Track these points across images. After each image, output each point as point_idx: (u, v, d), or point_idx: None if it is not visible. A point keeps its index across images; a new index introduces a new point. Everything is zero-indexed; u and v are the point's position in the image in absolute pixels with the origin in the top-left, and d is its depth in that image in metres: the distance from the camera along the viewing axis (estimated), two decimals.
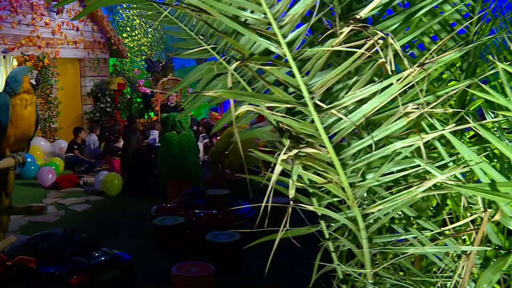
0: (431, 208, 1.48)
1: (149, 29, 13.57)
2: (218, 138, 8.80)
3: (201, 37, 1.32)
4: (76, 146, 9.39)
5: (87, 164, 9.13)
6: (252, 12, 1.03)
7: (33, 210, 2.79)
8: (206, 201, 6.01)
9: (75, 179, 8.23)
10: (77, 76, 11.19)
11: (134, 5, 1.66)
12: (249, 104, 1.08)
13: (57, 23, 10.16)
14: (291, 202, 1.14)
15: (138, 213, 6.56)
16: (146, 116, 12.02)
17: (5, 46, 9.05)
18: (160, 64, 12.22)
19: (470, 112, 1.42)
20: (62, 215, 6.63)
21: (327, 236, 1.35)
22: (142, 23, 13.35)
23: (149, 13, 1.51)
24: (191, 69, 13.68)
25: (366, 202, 1.23)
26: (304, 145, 1.08)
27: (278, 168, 1.09)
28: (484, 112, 1.47)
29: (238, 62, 0.95)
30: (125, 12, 13.05)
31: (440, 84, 1.40)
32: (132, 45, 13.02)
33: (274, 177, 1.10)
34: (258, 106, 1.07)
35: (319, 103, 1.05)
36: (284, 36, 1.01)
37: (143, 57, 13.16)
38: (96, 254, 4.17)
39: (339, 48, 0.98)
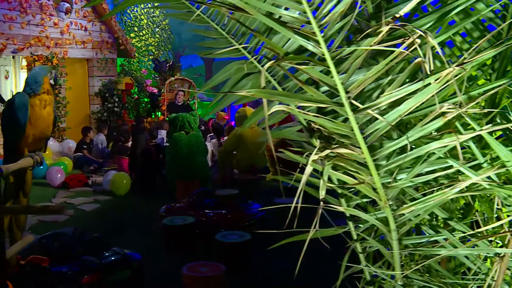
0: (458, 209, 1.47)
1: (157, 29, 13.59)
2: (226, 138, 8.80)
3: (232, 36, 1.31)
4: (85, 146, 9.42)
5: (96, 164, 9.15)
6: (286, 9, 1.02)
7: (51, 210, 2.79)
8: (215, 201, 6.01)
9: (83, 178, 8.25)
10: (85, 76, 11.22)
11: (149, 4, 1.65)
12: (280, 103, 1.07)
13: (66, 23, 10.19)
14: (321, 203, 1.12)
15: (147, 213, 6.56)
16: (153, 116, 12.03)
17: (14, 46, 9.08)
18: (168, 64, 12.22)
19: (498, 112, 1.40)
20: (71, 215, 6.64)
21: (355, 237, 1.34)
22: (149, 23, 13.36)
23: (163, 11, 1.50)
24: (198, 69, 13.72)
25: (395, 203, 1.22)
26: (336, 146, 1.07)
27: (308, 169, 1.08)
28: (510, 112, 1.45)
29: (272, 61, 0.95)
30: (132, 12, 13.06)
31: (471, 83, 1.38)
32: (139, 45, 13.03)
33: (304, 177, 1.09)
34: (288, 105, 1.06)
35: (355, 102, 1.04)
36: (323, 35, 1.00)
37: (150, 57, 13.17)
38: (107, 254, 4.17)
39: (377, 47, 0.97)
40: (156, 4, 1.57)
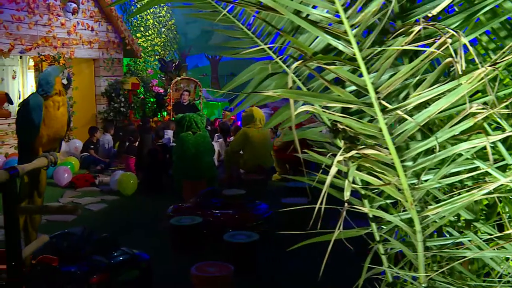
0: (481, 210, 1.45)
1: (163, 29, 13.60)
2: (232, 138, 8.79)
3: (257, 36, 1.30)
4: (91, 146, 9.43)
5: (102, 164, 9.16)
6: (313, 7, 1.01)
7: (67, 210, 2.79)
8: (222, 201, 6.00)
9: (90, 178, 8.26)
10: (91, 76, 11.24)
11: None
12: (304, 104, 1.06)
13: (73, 23, 10.21)
14: (346, 204, 1.11)
15: (154, 212, 6.56)
16: (159, 116, 12.04)
17: (22, 47, 9.11)
18: (174, 64, 12.23)
19: None
20: (78, 214, 6.64)
21: (377, 238, 1.33)
22: (155, 23, 13.38)
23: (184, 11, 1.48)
24: (204, 69, 13.74)
25: (418, 204, 1.21)
26: (363, 146, 1.06)
27: (333, 170, 1.07)
28: None
29: (300, 61, 0.94)
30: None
31: (497, 84, 1.36)
32: (145, 45, 13.05)
33: (329, 179, 1.08)
34: (313, 105, 1.05)
35: (384, 103, 1.03)
36: (355, 35, 0.99)
37: (156, 57, 13.18)
38: (116, 254, 4.17)
39: (409, 47, 0.96)
40: (173, 4, 1.55)
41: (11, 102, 9.25)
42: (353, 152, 1.04)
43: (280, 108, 1.38)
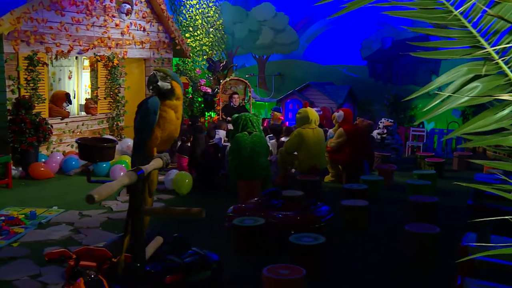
0: None
1: (211, 29, 13.68)
2: (287, 138, 8.74)
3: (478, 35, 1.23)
4: None
5: None
6: None
7: (191, 213, 2.83)
8: (282, 202, 5.97)
9: None
10: (142, 75, 11.42)
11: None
12: None
13: (126, 24, 10.40)
14: None
15: (212, 212, 6.58)
16: (206, 116, 12.12)
17: (80, 48, 9.35)
18: (221, 64, 12.30)
19: None
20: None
21: None
22: (204, 23, 13.47)
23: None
24: (251, 69, 13.74)
25: None
26: None
27: None
28: None
29: None
30: (188, 12, 13.21)
31: None
32: (194, 45, 13.16)
33: None
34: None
35: None
36: None
37: (204, 57, 13.28)
38: (188, 254, 4.20)
39: None
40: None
41: (70, 102, 9.51)
42: None
43: (482, 113, 1.29)
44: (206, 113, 12.02)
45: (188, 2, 13.18)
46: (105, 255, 3.72)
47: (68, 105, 9.56)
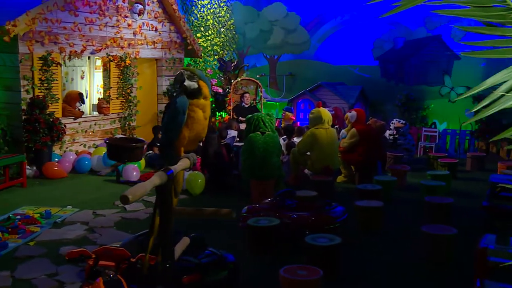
0: None
1: (222, 29, 13.69)
2: (298, 139, 8.73)
3: None
4: (156, 145, 9.61)
5: None
6: None
7: (222, 214, 2.85)
8: (296, 202, 5.96)
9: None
10: (153, 75, 11.45)
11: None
12: None
13: (138, 24, 10.44)
14: None
15: None
16: (217, 116, 12.13)
17: (93, 48, 9.39)
18: (232, 64, 12.30)
19: None
20: (151, 212, 6.72)
21: None
22: (215, 23, 13.48)
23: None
24: (262, 69, 13.74)
25: None
26: None
27: None
28: None
29: None
30: (199, 12, 13.23)
31: None
32: (205, 45, 13.18)
33: None
34: None
35: None
36: None
37: (215, 57, 13.30)
38: (205, 254, 4.20)
39: None
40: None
41: (83, 102, 9.56)
42: None
43: None
44: (217, 113, 12.03)
45: (199, 2, 13.19)
46: (124, 255, 3.74)
47: (81, 105, 9.61)
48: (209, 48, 13.30)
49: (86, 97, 10.26)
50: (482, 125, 10.66)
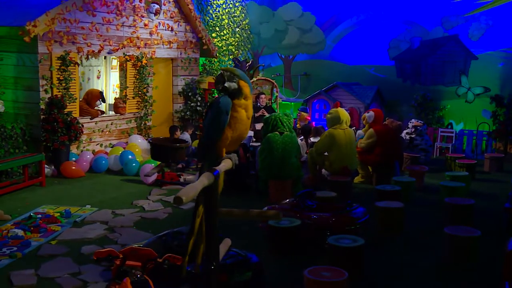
0: None
1: (237, 29, 13.68)
2: (315, 139, 8.69)
3: None
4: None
5: (183, 162, 9.31)
6: None
7: (268, 216, 2.84)
8: (317, 203, 5.94)
9: (174, 176, 8.40)
10: (169, 75, 11.47)
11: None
12: None
13: (155, 24, 10.46)
14: None
15: None
16: None
17: (110, 47, 9.43)
18: (247, 64, 12.29)
19: None
20: (170, 212, 6.76)
21: None
22: (230, 23, 13.48)
23: None
24: (277, 69, 13.72)
25: None
26: None
27: None
28: None
29: None
30: (215, 12, 13.23)
31: None
32: (220, 44, 13.18)
33: None
34: None
35: None
36: None
37: (230, 57, 13.30)
38: (229, 254, 4.19)
39: None
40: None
41: (104, 100, 9.63)
42: None
43: None
44: None
45: (214, 2, 13.19)
46: (150, 255, 3.75)
47: (101, 103, 9.68)
48: (224, 48, 13.30)
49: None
50: (500, 126, 10.57)
